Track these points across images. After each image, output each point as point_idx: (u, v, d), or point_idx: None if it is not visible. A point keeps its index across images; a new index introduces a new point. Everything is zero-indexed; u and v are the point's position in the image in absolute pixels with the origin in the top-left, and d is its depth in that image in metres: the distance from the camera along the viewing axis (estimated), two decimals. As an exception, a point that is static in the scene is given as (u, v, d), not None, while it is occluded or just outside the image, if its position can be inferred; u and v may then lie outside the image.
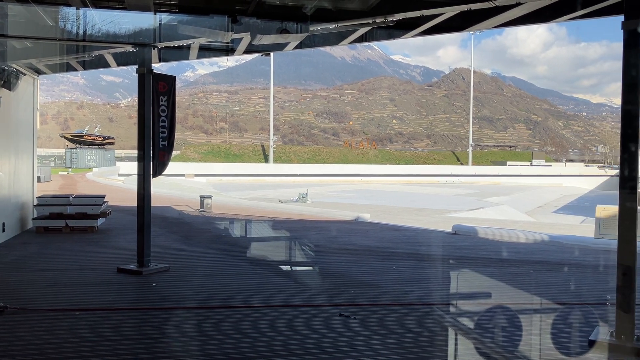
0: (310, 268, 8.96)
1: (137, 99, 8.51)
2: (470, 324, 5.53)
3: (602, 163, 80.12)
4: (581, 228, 17.76)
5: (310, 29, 8.02)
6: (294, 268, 9.08)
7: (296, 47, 9.83)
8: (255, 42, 7.82)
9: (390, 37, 9.32)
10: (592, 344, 5.16)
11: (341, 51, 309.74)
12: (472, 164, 72.26)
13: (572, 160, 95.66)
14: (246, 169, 56.30)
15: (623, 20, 5.33)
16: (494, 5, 6.86)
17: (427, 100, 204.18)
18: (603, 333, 5.36)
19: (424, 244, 12.09)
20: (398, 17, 7.90)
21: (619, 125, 5.44)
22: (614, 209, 11.46)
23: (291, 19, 7.68)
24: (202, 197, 18.68)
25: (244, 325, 5.68)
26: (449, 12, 7.58)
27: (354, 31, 8.95)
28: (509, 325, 5.68)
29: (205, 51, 10.15)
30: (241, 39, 8.59)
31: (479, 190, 45.36)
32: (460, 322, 5.41)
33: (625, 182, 5.28)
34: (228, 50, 10.14)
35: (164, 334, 5.44)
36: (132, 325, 5.72)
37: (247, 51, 9.67)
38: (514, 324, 5.75)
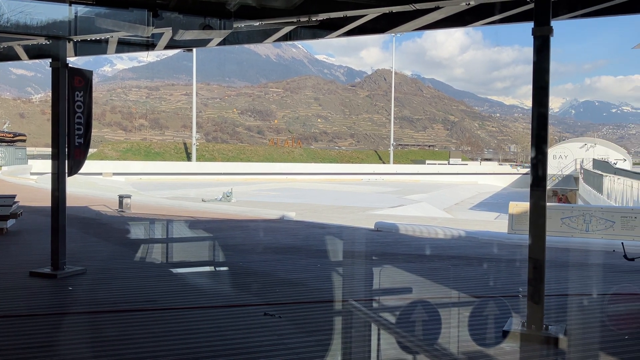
0: (235, 268, 8.86)
1: (50, 94, 8.09)
2: (392, 319, 5.68)
3: (515, 162, 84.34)
4: (495, 224, 18.62)
5: (234, 25, 7.93)
6: (218, 269, 8.94)
7: (220, 44, 9.68)
8: (177, 38, 7.64)
9: (315, 36, 9.37)
10: (506, 334, 5.43)
11: (266, 49, 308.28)
12: (394, 163, 74.05)
13: (487, 159, 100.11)
14: (168, 168, 54.80)
15: (533, 26, 5.64)
16: (415, 9, 7.05)
17: (351, 100, 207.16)
18: (516, 323, 5.65)
19: (348, 241, 12.26)
20: (322, 17, 7.95)
21: (530, 126, 5.75)
22: (526, 205, 12.11)
23: (214, 15, 7.56)
24: (121, 197, 17.99)
25: (167, 328, 5.54)
26: (372, 13, 7.72)
27: (278, 29, 8.93)
28: (429, 319, 5.87)
29: (124, 45, 9.79)
30: (162, 33, 8.36)
31: (400, 188, 46.56)
32: (382, 318, 5.54)
33: (536, 181, 5.59)
34: (148, 45, 9.82)
35: (80, 339, 5.20)
36: (46, 331, 5.43)
37: (169, 46, 9.42)
38: (433, 318, 5.95)
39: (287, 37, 9.37)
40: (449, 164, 76.49)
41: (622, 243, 7.90)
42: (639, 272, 7.29)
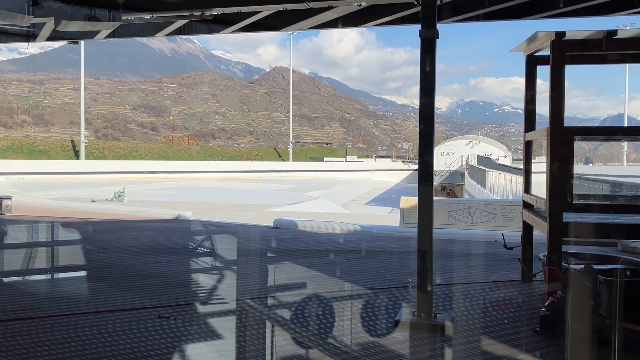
0: (127, 270, 8.51)
1: None
2: (287, 315, 5.73)
3: (407, 158, 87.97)
4: (389, 218, 19.36)
5: (124, 17, 7.61)
6: (108, 271, 8.54)
7: (109, 37, 9.26)
8: (60, 29, 7.20)
9: (211, 31, 9.21)
10: (397, 324, 5.65)
11: (159, 43, 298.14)
12: (293, 160, 74.64)
13: (381, 156, 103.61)
14: (54, 167, 51.46)
15: (420, 29, 5.90)
16: (309, 7, 7.15)
17: (249, 97, 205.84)
18: (406, 313, 5.90)
19: (246, 239, 12.19)
20: (216, 11, 7.85)
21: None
22: (415, 200, 12.70)
23: (101, 6, 7.22)
24: (0, 198, 16.69)
25: (53, 337, 5.21)
26: (267, 10, 7.73)
27: (171, 23, 8.69)
28: (323, 313, 5.98)
29: (1, 35, 9.09)
30: (44, 24, 7.84)
31: (299, 185, 46.99)
32: (277, 314, 5.57)
33: (423, 177, 5.87)
34: (29, 36, 9.18)
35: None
36: None
37: (52, 38, 8.86)
38: (328, 312, 6.07)
39: (181, 31, 9.14)
40: (346, 161, 78.34)
41: (502, 234, 8.49)
42: (517, 260, 7.88)
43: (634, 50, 6.39)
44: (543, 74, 7.00)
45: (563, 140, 6.04)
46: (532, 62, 7.62)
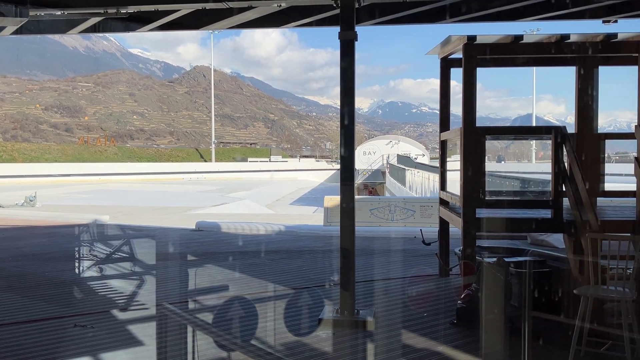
0: (40, 279, 8.08)
1: None
2: (209, 319, 5.66)
3: (330, 158, 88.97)
4: (314, 217, 19.49)
5: (32, 13, 7.22)
6: (20, 280, 8.08)
7: (16, 33, 8.75)
8: (-41, 23, 6.73)
9: (127, 29, 8.90)
10: (320, 322, 5.72)
11: (73, 40, 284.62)
12: (216, 161, 73.54)
13: (305, 156, 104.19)
14: (-44, 170, 48.01)
15: (339, 31, 5.99)
16: (228, 7, 7.07)
17: (169, 97, 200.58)
18: (330, 311, 5.97)
19: (167, 242, 11.90)
20: (132, 9, 7.59)
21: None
22: (338, 199, 12.88)
23: (6, 1, 6.81)
24: None
25: (-47, 353, 4.87)
26: (185, 9, 7.58)
27: (84, 20, 8.33)
28: (247, 315, 5.95)
29: None
30: (-61, 17, 7.29)
31: (222, 186, 46.37)
32: (199, 318, 5.49)
33: (345, 176, 5.97)
34: None
35: None
36: None
37: (-51, 32, 8.27)
38: (251, 313, 6.05)
39: (95, 29, 8.78)
40: (270, 161, 78.12)
41: (421, 230, 8.78)
42: (435, 255, 8.17)
43: (538, 54, 6.79)
44: (457, 76, 7.30)
45: (475, 139, 6.33)
46: (446, 64, 7.94)
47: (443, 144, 8.24)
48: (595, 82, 7.33)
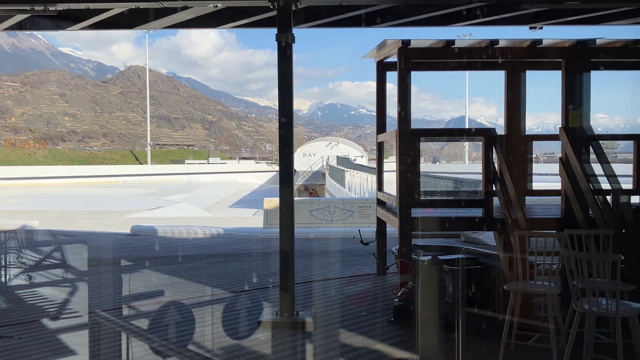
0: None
1: None
2: (144, 325, 5.53)
3: (270, 160, 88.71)
4: (254, 220, 19.38)
5: (-51, 8, 6.83)
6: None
7: None
8: None
9: (57, 27, 8.56)
10: (260, 324, 5.70)
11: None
12: (152, 163, 71.82)
13: (244, 158, 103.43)
14: None
15: (276, 32, 5.99)
16: (162, 6, 6.93)
17: (102, 97, 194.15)
18: (270, 313, 5.96)
19: (100, 248, 11.52)
20: (61, 7, 7.31)
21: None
22: (277, 201, 12.86)
23: None
24: None
25: None
26: (117, 8, 7.36)
27: (10, 17, 7.95)
28: (184, 320, 5.86)
29: None
30: None
31: (159, 189, 45.36)
32: (134, 325, 5.36)
33: (283, 178, 5.97)
34: None
35: None
36: None
37: None
38: (190, 317, 5.95)
39: (21, 26, 8.39)
40: (208, 163, 77.01)
41: (359, 230, 8.91)
42: (372, 255, 8.31)
43: (469, 59, 7.04)
44: (393, 79, 7.44)
45: (410, 141, 6.49)
46: (382, 68, 8.09)
47: (380, 146, 8.39)
48: (523, 85, 7.67)
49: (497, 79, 7.50)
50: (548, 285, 4.90)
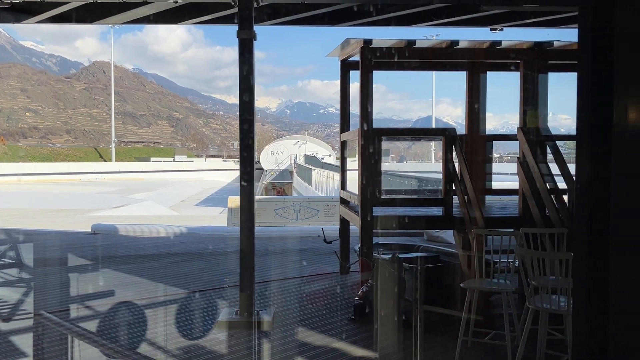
0: None
1: None
2: (99, 327, 5.42)
3: (238, 158, 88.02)
4: (220, 219, 19.18)
5: None
6: None
7: None
8: None
9: (16, 20, 8.32)
10: (219, 324, 5.64)
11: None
12: (116, 161, 70.59)
13: (212, 156, 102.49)
14: None
15: (238, 29, 5.93)
16: (122, 1, 6.80)
17: (66, 93, 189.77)
18: (229, 313, 5.91)
19: (59, 247, 11.25)
20: (16, -1, 7.11)
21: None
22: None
23: None
24: None
25: None
26: (75, 2, 7.19)
27: (-38, 8, 7.69)
28: (143, 320, 5.76)
29: None
30: None
31: (123, 187, 44.58)
32: (87, 327, 5.24)
33: (244, 176, 5.92)
34: None
35: None
36: None
37: None
38: (148, 318, 5.86)
39: (-22, 18, 8.14)
40: (174, 161, 76.08)
41: (322, 229, 8.91)
42: (335, 254, 8.31)
43: (431, 59, 7.11)
44: (358, 77, 7.44)
45: (371, 140, 6.51)
46: (346, 66, 8.10)
47: (343, 145, 8.40)
48: (483, 86, 7.78)
49: (461, 79, 7.59)
50: (504, 283, 4.98)
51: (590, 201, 0.96)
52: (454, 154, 6.40)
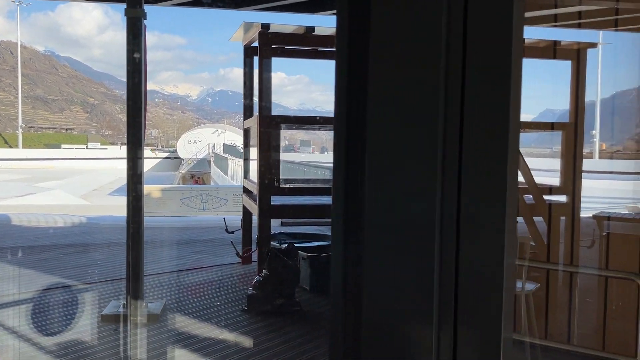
0: None
1: None
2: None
3: (156, 146, 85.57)
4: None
5: None
6: None
7: None
8: None
9: None
10: (107, 317, 5.37)
11: None
12: (23, 147, 66.63)
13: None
14: None
15: (125, 8, 5.61)
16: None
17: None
18: (116, 306, 5.64)
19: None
20: None
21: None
22: (151, 188, 12.30)
23: None
24: None
25: None
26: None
27: None
28: (23, 315, 5.40)
29: None
30: None
31: (31, 175, 42.12)
32: None
33: (131, 164, 5.65)
34: None
35: None
36: None
37: None
38: (30, 312, 5.50)
39: None
40: (87, 148, 72.78)
41: (224, 218, 8.72)
42: (237, 244, 8.16)
43: (329, 47, 7.05)
44: (278, 65, 7.26)
45: (270, 127, 6.40)
46: (250, 52, 7.92)
47: (247, 132, 8.25)
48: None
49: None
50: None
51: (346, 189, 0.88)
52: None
